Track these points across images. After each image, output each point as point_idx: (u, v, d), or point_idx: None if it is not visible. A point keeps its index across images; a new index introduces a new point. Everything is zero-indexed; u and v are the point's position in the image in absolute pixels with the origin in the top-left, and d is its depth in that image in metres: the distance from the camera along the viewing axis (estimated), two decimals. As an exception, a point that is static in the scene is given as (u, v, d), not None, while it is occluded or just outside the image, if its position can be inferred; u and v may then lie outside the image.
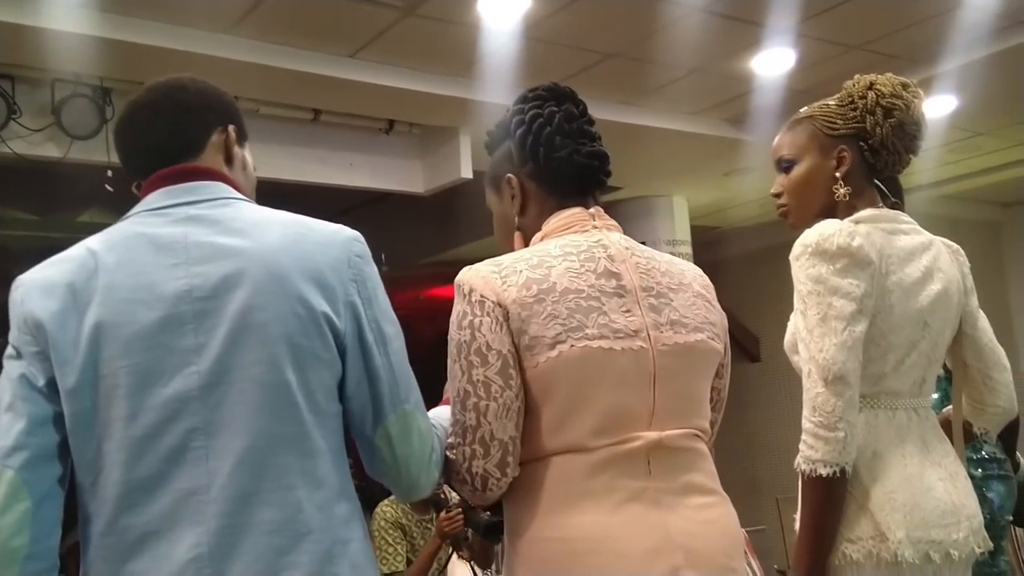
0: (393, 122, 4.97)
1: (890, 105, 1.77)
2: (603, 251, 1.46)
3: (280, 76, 4.18)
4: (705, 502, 1.43)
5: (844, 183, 1.79)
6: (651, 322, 1.42)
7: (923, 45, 4.34)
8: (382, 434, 1.32)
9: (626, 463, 1.38)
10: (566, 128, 1.53)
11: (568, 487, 1.38)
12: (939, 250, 1.82)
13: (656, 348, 1.41)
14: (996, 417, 1.90)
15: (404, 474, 1.35)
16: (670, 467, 1.40)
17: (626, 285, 1.43)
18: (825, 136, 1.81)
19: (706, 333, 1.47)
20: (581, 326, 1.38)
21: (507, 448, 1.40)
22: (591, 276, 1.42)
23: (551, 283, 1.40)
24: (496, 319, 1.39)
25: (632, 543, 1.34)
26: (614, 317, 1.40)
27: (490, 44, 4.12)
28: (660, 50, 4.30)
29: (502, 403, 1.39)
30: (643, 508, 1.36)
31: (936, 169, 6.03)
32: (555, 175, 1.54)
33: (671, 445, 1.41)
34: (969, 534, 1.69)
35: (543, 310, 1.38)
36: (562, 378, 1.38)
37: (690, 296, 1.48)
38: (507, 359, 1.39)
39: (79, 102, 4.03)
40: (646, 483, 1.38)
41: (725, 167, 5.91)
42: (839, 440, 1.60)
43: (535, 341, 1.38)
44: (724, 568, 1.40)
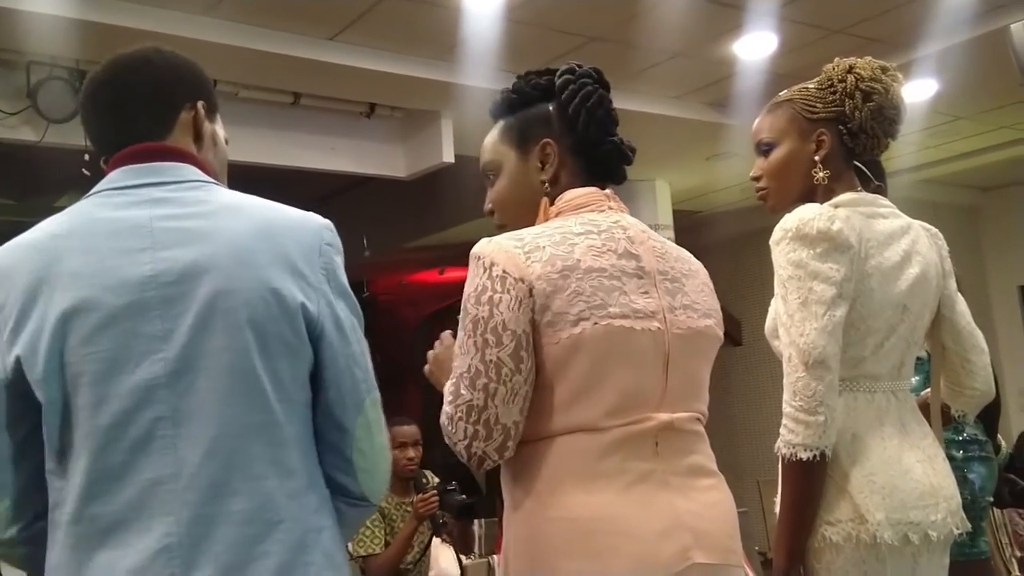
0: (374, 106, 4.94)
1: (869, 89, 1.77)
2: (623, 232, 1.46)
3: (259, 59, 4.15)
4: (709, 484, 1.45)
5: (823, 167, 1.79)
6: (667, 305, 1.43)
7: (904, 29, 4.35)
8: (363, 422, 1.30)
9: (635, 444, 1.38)
10: (609, 115, 1.56)
11: (578, 467, 1.36)
12: (918, 233, 1.83)
13: (671, 331, 1.42)
14: (973, 400, 1.91)
15: (378, 465, 1.33)
16: (676, 449, 1.41)
17: (645, 267, 1.44)
18: (804, 120, 1.81)
19: (713, 320, 1.51)
20: (604, 304, 1.37)
21: (509, 433, 1.39)
22: (612, 256, 1.42)
23: (575, 260, 1.39)
24: (516, 297, 1.36)
25: (642, 524, 1.34)
26: (634, 298, 1.40)
27: (472, 27, 4.10)
28: (643, 34, 4.29)
29: (511, 387, 1.37)
30: (652, 489, 1.37)
31: (916, 153, 6.07)
32: (600, 156, 1.55)
33: (679, 427, 1.42)
34: (947, 515, 1.70)
35: (568, 286, 1.37)
36: (583, 355, 1.37)
37: (699, 283, 1.51)
38: (521, 341, 1.37)
39: (55, 85, 3.99)
40: (654, 464, 1.38)
41: (707, 151, 5.92)
42: (819, 424, 1.60)
43: (558, 318, 1.36)
44: (728, 550, 1.42)
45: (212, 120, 1.41)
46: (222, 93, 4.45)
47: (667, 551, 1.34)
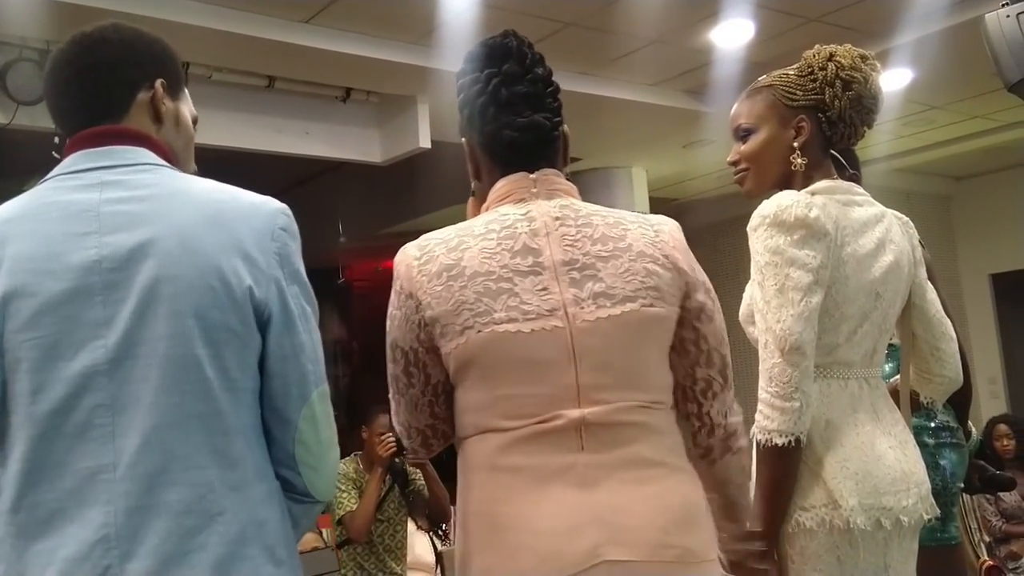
0: (350, 90, 4.90)
1: (849, 78, 1.77)
2: (527, 225, 1.41)
3: (233, 41, 4.09)
4: (644, 475, 1.36)
5: (801, 154, 1.79)
6: (570, 298, 1.37)
7: (880, 18, 4.37)
8: (308, 414, 1.26)
9: (551, 440, 1.34)
10: (503, 95, 1.46)
11: (485, 463, 1.37)
12: (891, 222, 1.84)
13: (575, 325, 1.36)
14: (942, 387, 1.93)
15: (323, 460, 1.28)
16: (606, 442, 1.35)
17: (544, 262, 1.38)
18: (784, 106, 1.81)
19: (640, 301, 1.38)
20: (489, 310, 1.35)
21: (425, 434, 1.49)
22: (506, 255, 1.38)
23: (461, 267, 1.37)
24: (405, 314, 1.41)
25: (549, 520, 1.31)
26: (526, 298, 1.36)
27: (449, 11, 4.07)
28: (619, 20, 4.28)
29: (408, 399, 1.46)
30: (565, 485, 1.32)
31: (890, 142, 6.11)
32: (490, 147, 1.49)
33: (600, 421, 1.35)
34: (918, 501, 1.72)
35: (451, 296, 1.36)
36: (473, 364, 1.37)
37: (625, 262, 1.40)
38: (409, 357, 1.42)
39: (24, 66, 3.92)
40: (576, 458, 1.34)
41: (684, 139, 5.92)
42: (795, 410, 1.61)
43: (446, 329, 1.37)
44: (659, 544, 1.32)
45: (176, 98, 1.37)
46: (195, 76, 4.39)
47: (574, 548, 1.29)
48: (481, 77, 1.48)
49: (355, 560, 3.65)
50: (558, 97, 1.51)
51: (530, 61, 1.49)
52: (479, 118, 1.48)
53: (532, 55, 1.50)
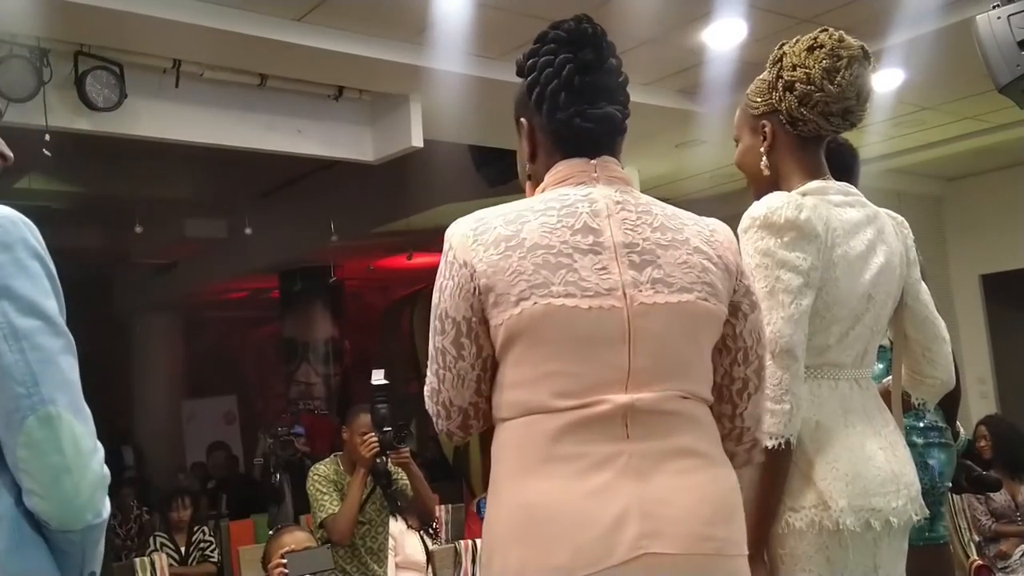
0: (342, 88, 4.89)
1: (790, 78, 1.76)
2: (588, 205, 1.40)
3: (225, 39, 4.08)
4: (687, 466, 1.35)
5: (768, 158, 1.82)
6: (629, 280, 1.36)
7: (872, 19, 4.37)
8: (25, 441, 1.17)
9: (598, 426, 1.32)
10: (576, 83, 1.44)
11: (533, 450, 1.34)
12: (883, 222, 1.84)
13: (632, 307, 1.35)
14: (934, 388, 1.93)
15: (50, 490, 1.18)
16: (651, 430, 1.34)
17: (604, 242, 1.37)
18: (751, 115, 1.86)
19: (696, 293, 1.38)
20: (547, 283, 1.33)
21: (467, 413, 1.44)
22: (566, 232, 1.37)
23: (520, 239, 1.36)
24: (459, 282, 1.38)
25: (591, 513, 1.29)
26: (585, 275, 1.34)
27: (442, 10, 4.06)
28: (613, 20, 4.27)
29: (456, 373, 1.41)
30: (611, 475, 1.31)
31: (882, 143, 6.12)
32: (558, 133, 1.47)
33: (648, 408, 1.34)
34: (907, 502, 1.73)
35: (508, 266, 1.34)
36: (526, 336, 1.34)
37: (683, 254, 1.40)
38: (460, 328, 1.38)
39: (15, 63, 3.91)
40: (622, 447, 1.32)
41: (677, 139, 5.92)
42: (785, 412, 1.61)
43: (501, 298, 1.35)
44: (700, 536, 1.31)
45: None
46: (187, 74, 4.39)
47: (616, 541, 1.28)
48: (555, 61, 1.45)
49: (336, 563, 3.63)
50: (627, 89, 1.51)
51: (606, 50, 1.48)
52: (549, 102, 1.45)
53: (608, 44, 1.49)
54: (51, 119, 4.07)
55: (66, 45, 4.06)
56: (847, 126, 1.80)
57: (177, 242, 8.48)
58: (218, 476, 8.66)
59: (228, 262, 8.79)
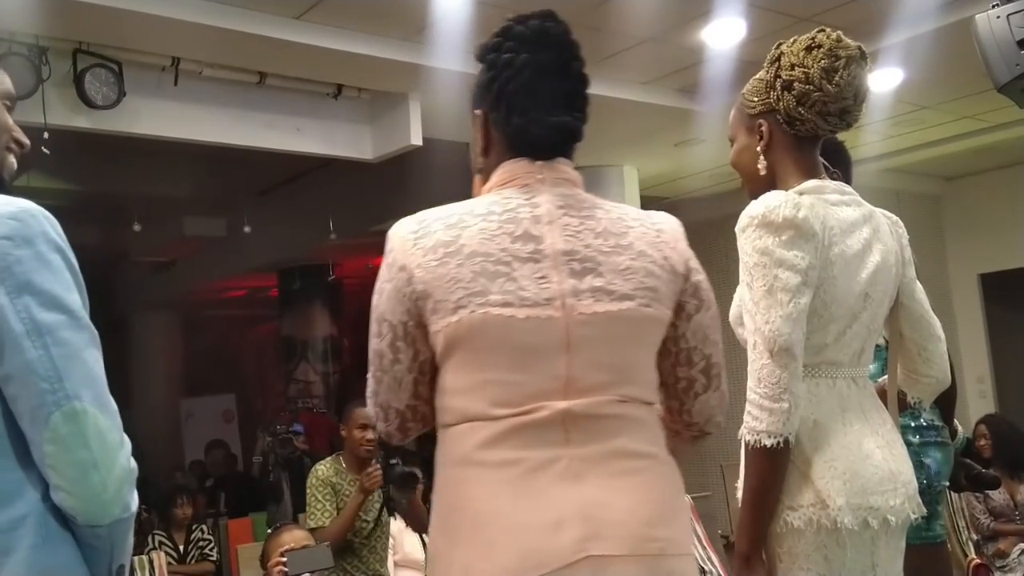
0: (341, 86, 4.89)
1: (789, 78, 1.76)
2: (530, 211, 1.37)
3: (224, 37, 4.08)
4: (627, 467, 1.33)
5: (764, 157, 1.82)
6: (568, 289, 1.34)
7: (871, 18, 4.38)
8: (51, 437, 1.17)
9: (536, 432, 1.31)
10: (536, 87, 1.40)
11: (471, 456, 1.33)
12: (879, 221, 1.84)
13: (571, 316, 1.33)
14: (929, 387, 1.94)
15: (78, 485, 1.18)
16: (592, 434, 1.33)
17: (544, 250, 1.35)
18: (747, 114, 1.86)
19: (638, 300, 1.36)
20: (485, 291, 1.32)
21: (404, 415, 1.44)
22: (506, 239, 1.35)
23: (459, 245, 1.34)
24: (396, 286, 1.37)
25: (535, 514, 1.28)
26: (524, 284, 1.33)
27: (441, 8, 4.06)
28: (612, 18, 4.27)
29: (392, 376, 1.41)
30: (550, 479, 1.30)
31: (880, 142, 6.12)
32: (510, 137, 1.44)
33: (586, 412, 1.33)
34: (905, 500, 1.73)
35: (447, 273, 1.33)
36: (464, 344, 1.33)
37: (626, 260, 1.37)
38: (397, 331, 1.38)
39: (14, 61, 3.90)
40: (561, 452, 1.31)
41: (676, 137, 5.92)
42: (783, 411, 1.62)
43: (439, 305, 1.34)
44: (642, 537, 1.30)
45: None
46: (186, 71, 4.39)
47: (557, 544, 1.27)
48: (516, 61, 1.41)
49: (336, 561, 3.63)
50: (586, 92, 1.46)
51: (568, 52, 1.44)
52: (506, 104, 1.42)
53: (570, 44, 1.44)
54: (50, 117, 4.07)
55: (65, 43, 4.05)
56: (844, 126, 1.80)
57: (176, 240, 8.47)
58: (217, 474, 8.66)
59: (227, 260, 8.79)
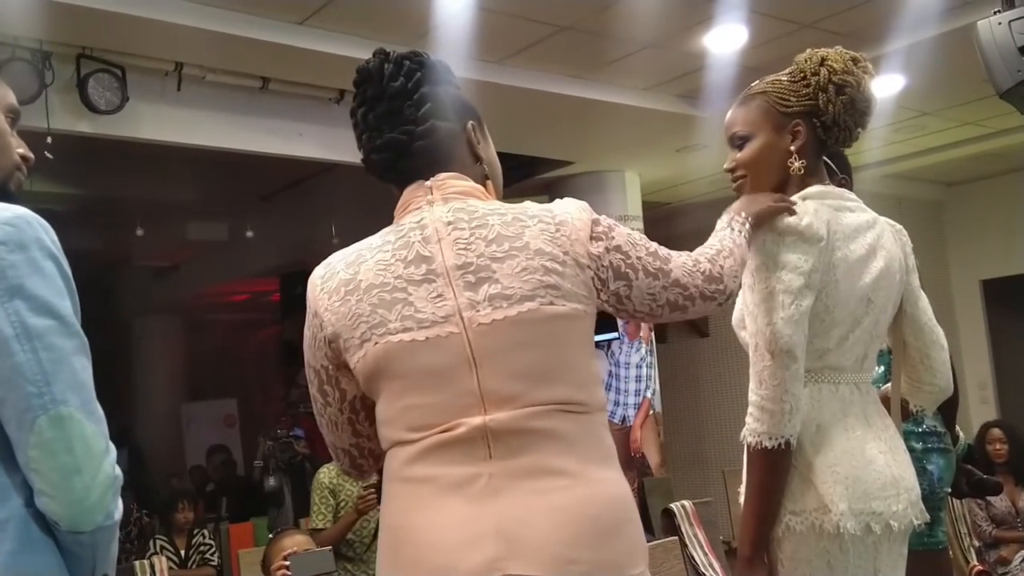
0: (344, 92, 4.89)
1: (842, 82, 1.77)
2: (419, 233, 1.39)
3: (227, 42, 4.09)
4: (549, 486, 1.29)
5: (799, 157, 1.79)
6: (465, 303, 1.33)
7: (873, 24, 4.38)
8: (36, 441, 1.17)
9: (457, 449, 1.30)
10: (365, 124, 1.48)
11: (398, 474, 1.35)
12: (883, 228, 1.84)
13: (471, 329, 1.32)
14: (932, 395, 1.93)
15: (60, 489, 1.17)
16: (515, 449, 1.29)
17: (436, 268, 1.36)
18: (778, 112, 1.80)
19: (539, 300, 1.33)
20: (384, 321, 1.34)
21: (352, 454, 1.50)
22: (400, 266, 1.37)
23: (357, 281, 1.38)
24: (313, 334, 1.43)
25: (449, 532, 1.27)
26: (420, 306, 1.34)
27: (443, 14, 4.06)
28: (614, 24, 4.28)
29: (328, 417, 1.47)
30: (469, 496, 1.28)
31: (882, 148, 6.12)
32: (371, 170, 1.52)
33: (506, 428, 1.30)
34: (907, 506, 1.73)
35: (348, 311, 1.37)
36: (377, 376, 1.36)
37: (522, 261, 1.34)
38: (321, 376, 1.44)
39: (18, 66, 3.91)
40: (482, 468, 1.29)
41: (677, 143, 5.93)
42: (784, 413, 1.62)
43: (348, 343, 1.38)
44: (560, 559, 1.25)
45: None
46: (189, 77, 4.39)
47: (470, 562, 1.24)
48: (355, 112, 1.50)
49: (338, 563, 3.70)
50: (425, 102, 1.46)
51: (387, 76, 1.46)
52: (359, 146, 1.51)
53: (392, 68, 1.47)
54: (53, 122, 4.07)
55: (68, 48, 4.06)
56: (852, 141, 1.84)
57: (178, 245, 8.48)
58: (218, 479, 8.65)
59: (229, 265, 8.79)
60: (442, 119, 1.47)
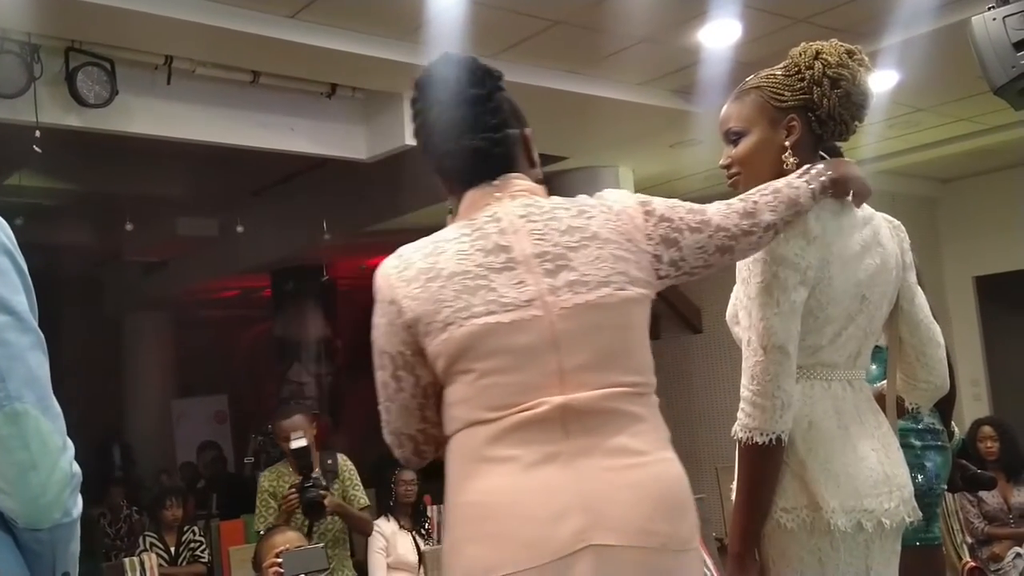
0: (335, 86, 4.87)
1: (837, 75, 1.76)
2: (495, 225, 1.47)
3: (218, 35, 4.06)
4: (628, 463, 1.39)
5: (793, 153, 1.78)
6: (546, 288, 1.42)
7: (867, 19, 4.38)
8: None
9: (535, 428, 1.38)
10: (438, 126, 1.54)
11: (473, 454, 1.41)
12: (879, 224, 1.83)
13: (553, 313, 1.41)
14: (928, 393, 1.92)
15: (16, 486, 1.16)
16: (589, 429, 1.39)
17: (516, 257, 1.44)
18: (773, 107, 1.79)
19: (614, 285, 1.44)
20: (468, 306, 1.41)
21: (416, 439, 1.54)
22: (479, 255, 1.44)
23: (438, 270, 1.44)
24: (389, 319, 1.47)
25: (537, 506, 1.35)
26: (503, 291, 1.42)
27: (436, 7, 4.05)
28: (608, 18, 4.27)
29: (399, 404, 1.51)
30: (550, 472, 1.36)
31: (876, 144, 6.12)
32: (443, 174, 1.58)
33: (585, 407, 1.39)
34: (900, 503, 1.72)
35: (431, 297, 1.43)
36: (456, 358, 1.42)
37: (594, 250, 1.46)
38: (396, 361, 1.48)
39: (6, 59, 3.89)
40: (560, 447, 1.38)
41: (672, 138, 5.92)
42: (776, 408, 1.61)
43: (430, 328, 1.43)
44: (643, 530, 1.36)
45: None
46: (179, 70, 4.37)
47: (560, 533, 1.33)
48: (423, 110, 1.56)
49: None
50: (500, 111, 1.55)
51: (464, 82, 1.54)
52: (428, 151, 1.57)
53: (467, 74, 1.55)
54: (42, 115, 4.05)
55: (57, 41, 4.03)
56: (849, 134, 1.82)
57: (168, 240, 8.44)
58: (208, 476, 8.63)
59: (220, 260, 8.76)
60: (512, 126, 1.58)
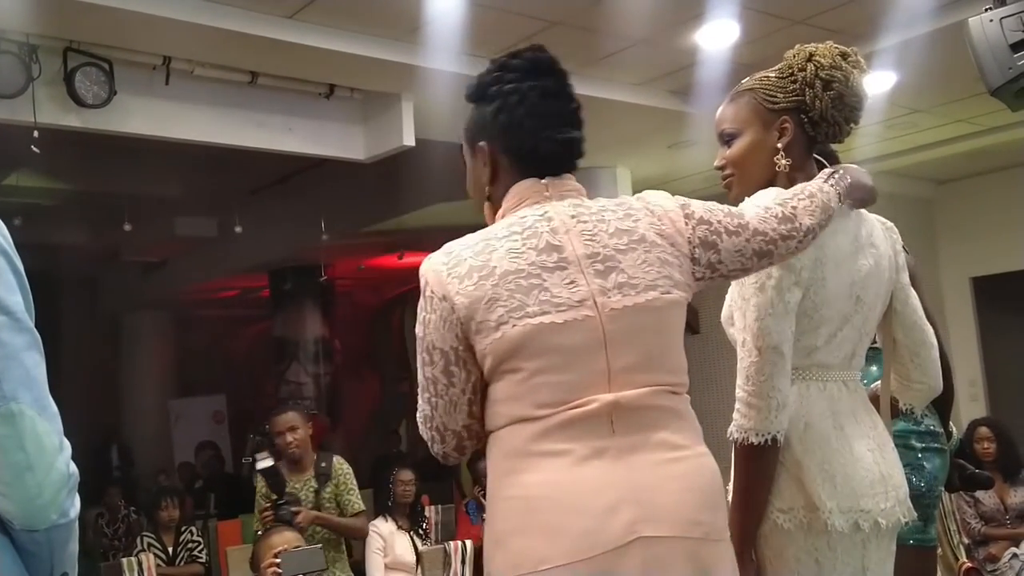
0: (334, 86, 4.87)
1: (829, 77, 1.76)
2: (547, 224, 1.48)
3: (216, 36, 4.07)
4: (672, 457, 1.44)
5: (785, 155, 1.79)
6: (597, 289, 1.44)
7: (865, 21, 4.39)
8: None
9: (584, 425, 1.41)
10: (540, 108, 1.54)
11: (522, 448, 1.43)
12: (872, 226, 1.84)
13: (604, 313, 1.44)
14: (921, 394, 1.93)
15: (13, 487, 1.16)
16: (635, 426, 1.43)
17: (568, 257, 1.46)
18: (766, 109, 1.80)
19: (660, 289, 1.48)
20: (523, 305, 1.42)
21: (461, 436, 1.54)
22: (532, 253, 1.45)
23: (491, 268, 1.45)
24: (441, 315, 1.47)
25: (587, 500, 1.38)
26: (556, 291, 1.43)
27: (435, 8, 4.05)
28: (606, 20, 4.27)
29: (448, 399, 1.50)
30: (600, 467, 1.40)
31: (874, 145, 6.14)
32: (523, 157, 1.56)
33: (632, 405, 1.43)
34: (896, 504, 1.73)
35: (484, 295, 1.43)
36: (510, 356, 1.43)
37: (641, 253, 1.49)
38: (449, 357, 1.47)
39: (4, 59, 3.89)
40: (608, 442, 1.41)
41: (669, 139, 5.93)
42: (771, 408, 1.62)
43: (482, 326, 1.44)
44: (689, 522, 1.41)
45: None
46: (177, 70, 4.37)
47: (612, 526, 1.36)
48: (521, 89, 1.54)
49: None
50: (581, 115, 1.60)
51: (564, 79, 1.58)
52: (515, 128, 1.54)
53: (564, 73, 1.58)
54: (40, 116, 4.05)
55: (55, 41, 4.03)
56: (844, 136, 1.82)
57: (167, 240, 8.44)
58: (206, 476, 8.63)
59: (218, 260, 8.76)
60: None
